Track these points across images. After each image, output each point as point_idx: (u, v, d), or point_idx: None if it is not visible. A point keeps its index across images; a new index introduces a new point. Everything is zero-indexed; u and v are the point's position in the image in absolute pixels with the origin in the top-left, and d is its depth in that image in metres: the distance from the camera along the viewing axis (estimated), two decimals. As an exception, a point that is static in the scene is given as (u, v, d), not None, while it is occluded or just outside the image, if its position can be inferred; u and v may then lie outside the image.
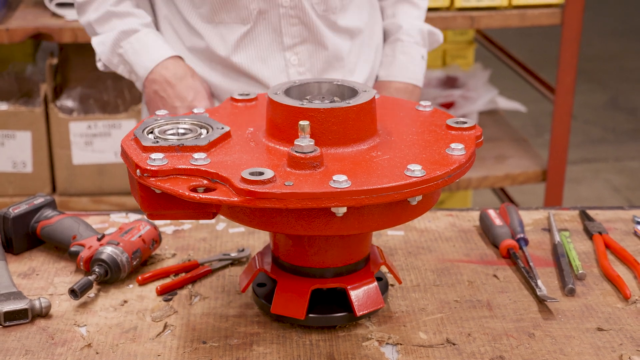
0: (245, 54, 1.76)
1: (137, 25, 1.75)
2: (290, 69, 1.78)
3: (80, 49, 2.85)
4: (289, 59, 1.77)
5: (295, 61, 1.77)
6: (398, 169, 1.13)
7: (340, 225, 1.14)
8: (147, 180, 1.12)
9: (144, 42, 1.74)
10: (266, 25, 1.74)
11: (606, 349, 1.23)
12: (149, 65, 1.74)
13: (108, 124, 2.71)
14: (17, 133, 2.70)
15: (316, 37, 1.77)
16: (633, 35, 7.09)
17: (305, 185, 1.08)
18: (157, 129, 1.22)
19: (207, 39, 1.76)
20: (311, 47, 1.78)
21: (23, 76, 2.94)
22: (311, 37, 1.77)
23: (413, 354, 1.22)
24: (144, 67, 1.74)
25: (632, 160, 4.85)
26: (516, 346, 1.24)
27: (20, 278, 1.40)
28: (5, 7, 2.71)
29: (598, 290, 1.38)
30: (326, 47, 1.78)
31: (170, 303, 1.34)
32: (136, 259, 1.40)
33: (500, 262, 1.46)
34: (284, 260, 1.27)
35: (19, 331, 1.26)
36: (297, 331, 1.27)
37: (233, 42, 1.75)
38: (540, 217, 1.62)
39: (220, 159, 1.15)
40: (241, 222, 1.17)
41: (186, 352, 1.22)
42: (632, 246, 1.51)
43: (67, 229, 1.45)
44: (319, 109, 1.17)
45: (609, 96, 5.76)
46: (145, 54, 1.74)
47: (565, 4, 2.73)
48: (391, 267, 1.33)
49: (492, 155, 3.03)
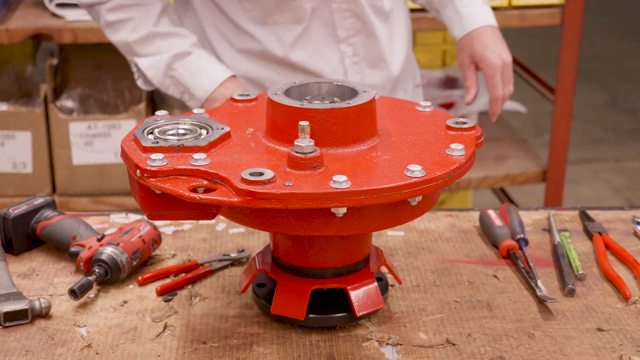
0: (303, 51, 1.81)
1: (188, 47, 1.78)
2: (345, 60, 1.83)
3: (80, 49, 2.85)
4: (344, 51, 1.82)
5: (350, 52, 1.83)
6: (398, 169, 1.13)
7: (340, 226, 1.14)
8: (147, 180, 1.12)
9: (198, 65, 1.77)
10: (320, 21, 1.80)
11: (606, 350, 1.23)
12: (209, 87, 1.77)
13: (108, 124, 2.71)
14: (17, 133, 2.70)
15: (367, 27, 1.83)
16: (633, 35, 7.09)
17: (305, 186, 1.08)
18: (157, 129, 1.22)
19: (262, 41, 1.80)
20: (363, 37, 1.83)
21: (23, 76, 2.94)
22: (363, 28, 1.83)
23: (413, 354, 1.22)
24: (203, 90, 1.77)
25: (632, 160, 4.85)
26: (516, 346, 1.24)
27: (20, 278, 1.40)
28: (5, 8, 2.71)
29: (598, 291, 1.38)
30: (376, 35, 1.84)
31: (170, 303, 1.34)
32: (136, 260, 1.40)
33: (500, 262, 1.46)
34: (284, 260, 1.27)
35: (19, 331, 1.26)
36: (297, 331, 1.27)
37: (289, 41, 1.79)
38: (540, 217, 1.62)
39: (220, 160, 1.15)
40: (241, 223, 1.17)
41: (186, 353, 1.22)
42: (632, 246, 1.51)
43: (67, 229, 1.45)
44: (319, 109, 1.17)
45: (609, 96, 5.76)
46: (203, 77, 1.77)
47: (565, 4, 2.72)
48: (391, 268, 1.33)
49: (492, 156, 3.03)
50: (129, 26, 1.77)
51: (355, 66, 1.84)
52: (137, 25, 1.77)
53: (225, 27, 1.82)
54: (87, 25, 2.62)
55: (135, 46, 1.78)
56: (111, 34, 1.80)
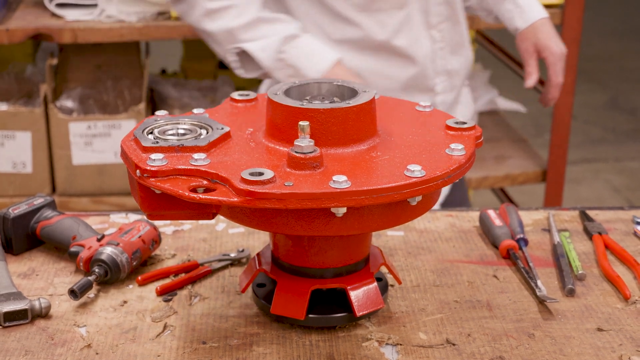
0: (403, 37, 1.89)
1: (296, 30, 1.82)
2: (434, 45, 1.92)
3: (80, 49, 2.85)
4: (434, 37, 1.92)
5: (439, 38, 1.92)
6: (398, 169, 1.13)
7: (340, 226, 1.14)
8: (147, 180, 1.12)
9: (308, 47, 1.82)
10: (417, 7, 1.89)
11: (606, 350, 1.23)
12: (322, 67, 1.82)
13: (108, 125, 2.71)
14: (17, 133, 2.70)
15: (454, 13, 1.94)
16: (633, 35, 7.09)
17: (305, 186, 1.08)
18: (156, 129, 1.22)
19: (365, 27, 1.87)
20: (450, 24, 1.94)
21: (23, 76, 2.94)
22: (451, 14, 1.93)
23: (413, 354, 1.22)
24: (316, 70, 1.82)
25: (632, 160, 4.85)
26: (516, 346, 1.24)
27: (20, 278, 1.40)
28: (5, 8, 2.71)
29: (598, 291, 1.38)
30: (459, 22, 1.95)
31: (170, 303, 1.34)
32: (136, 260, 1.40)
33: (500, 262, 1.46)
34: (284, 260, 1.27)
35: (18, 331, 1.26)
36: (297, 331, 1.27)
37: (392, 26, 1.87)
38: (540, 217, 1.62)
39: (220, 160, 1.15)
40: (241, 223, 1.17)
41: (186, 353, 1.22)
42: (632, 246, 1.51)
43: (67, 229, 1.45)
44: (319, 109, 1.17)
45: (609, 96, 5.77)
46: (315, 58, 1.82)
47: (565, 4, 2.73)
48: (391, 268, 1.33)
49: (492, 156, 3.03)
50: (233, 12, 1.81)
51: (440, 52, 1.94)
52: (241, 11, 1.81)
53: (321, 17, 1.88)
54: (87, 25, 2.63)
55: (239, 32, 1.82)
56: (210, 22, 1.83)
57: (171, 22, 2.67)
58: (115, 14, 2.66)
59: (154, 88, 3.01)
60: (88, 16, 2.68)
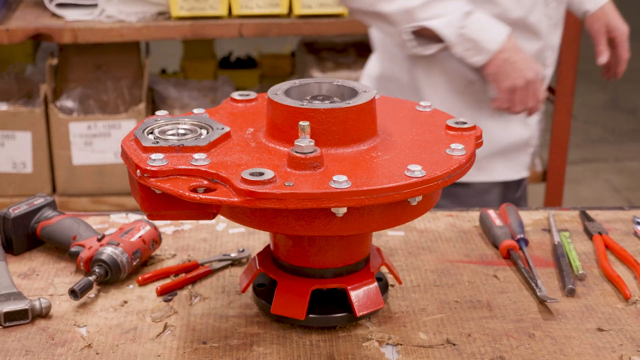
0: (537, 13, 1.99)
1: (469, 7, 1.90)
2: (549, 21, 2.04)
3: (80, 49, 2.85)
4: (547, 14, 2.03)
5: (552, 14, 2.04)
6: (398, 169, 1.13)
7: (340, 226, 1.14)
8: (147, 180, 1.12)
9: (485, 21, 1.90)
10: None
11: (606, 350, 1.23)
12: (500, 38, 1.89)
13: (108, 125, 2.71)
14: (17, 133, 2.70)
15: None
16: (633, 35, 7.08)
17: (305, 186, 1.08)
18: (157, 129, 1.22)
19: (501, 4, 1.94)
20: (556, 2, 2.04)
21: (23, 76, 2.94)
22: None
23: (413, 354, 1.22)
24: (495, 41, 1.89)
25: (632, 160, 4.85)
26: (516, 346, 1.24)
27: (21, 278, 1.40)
28: (5, 8, 2.71)
29: (598, 291, 1.38)
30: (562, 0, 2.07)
31: (170, 303, 1.34)
32: (136, 260, 1.40)
33: (500, 262, 1.46)
34: (284, 260, 1.27)
35: (19, 331, 1.26)
36: (297, 331, 1.27)
37: (528, 3, 1.96)
38: (540, 217, 1.62)
39: (220, 160, 1.15)
40: (241, 223, 1.17)
41: (186, 353, 1.22)
42: (632, 246, 1.51)
43: (67, 229, 1.45)
44: (319, 109, 1.17)
45: (609, 96, 5.76)
46: (493, 30, 1.90)
47: (566, 4, 2.72)
48: (391, 268, 1.33)
49: (492, 156, 3.02)
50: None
51: (549, 28, 2.05)
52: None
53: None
54: (87, 25, 2.63)
55: (417, 11, 1.89)
56: (387, 4, 1.90)
57: (171, 22, 2.68)
58: (115, 14, 2.67)
59: (154, 88, 3.02)
60: (88, 16, 2.68)
